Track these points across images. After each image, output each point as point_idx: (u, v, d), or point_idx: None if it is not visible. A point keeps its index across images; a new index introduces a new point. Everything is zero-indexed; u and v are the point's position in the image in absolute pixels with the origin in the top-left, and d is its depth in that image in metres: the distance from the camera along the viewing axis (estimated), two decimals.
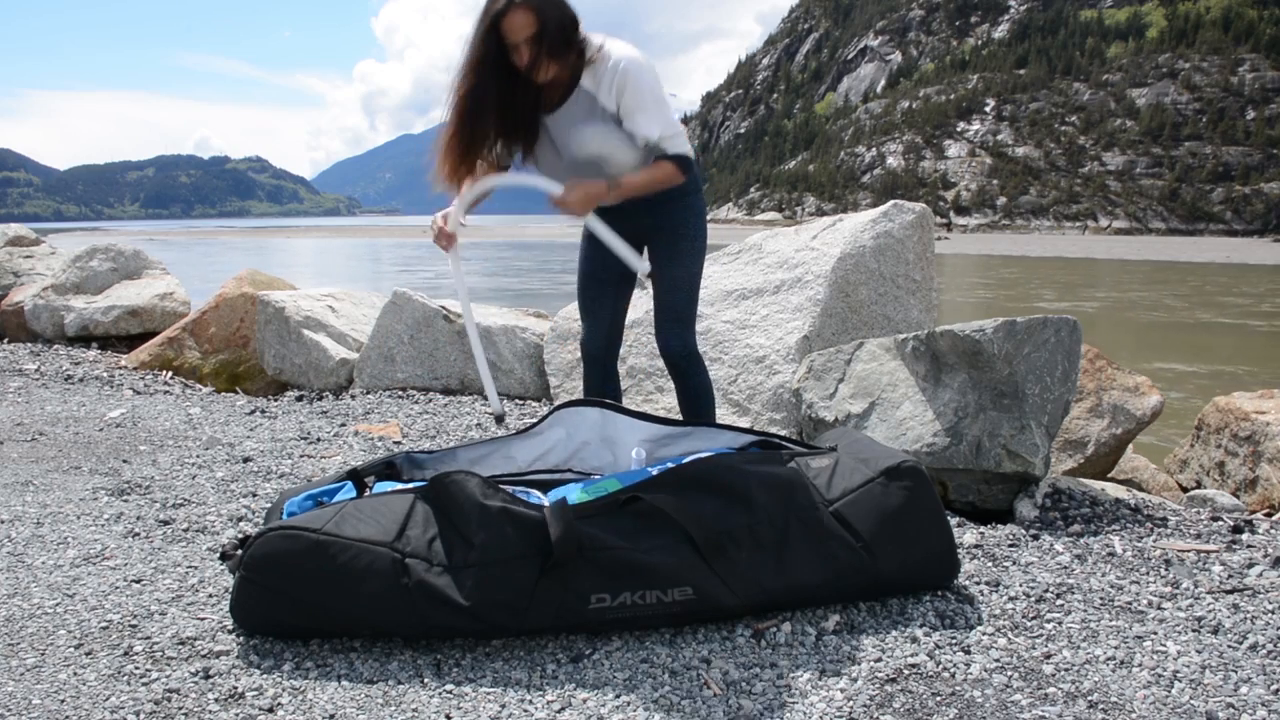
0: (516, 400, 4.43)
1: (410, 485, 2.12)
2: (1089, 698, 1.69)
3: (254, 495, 2.90)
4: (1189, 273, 36.20)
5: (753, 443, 2.40)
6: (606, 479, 2.20)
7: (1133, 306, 21.66)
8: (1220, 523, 2.64)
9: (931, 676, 1.77)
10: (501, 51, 2.32)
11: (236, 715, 1.63)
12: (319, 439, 3.68)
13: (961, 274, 33.99)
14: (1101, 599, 2.11)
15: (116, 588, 2.16)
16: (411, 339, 4.65)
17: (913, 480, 2.08)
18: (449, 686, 1.74)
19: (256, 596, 1.88)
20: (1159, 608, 2.07)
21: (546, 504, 1.97)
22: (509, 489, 2.01)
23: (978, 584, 2.20)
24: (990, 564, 2.33)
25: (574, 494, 2.09)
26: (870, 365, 3.03)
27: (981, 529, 2.61)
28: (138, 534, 2.53)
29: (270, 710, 1.65)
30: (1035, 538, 2.53)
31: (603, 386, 2.82)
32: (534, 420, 2.52)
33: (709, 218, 2.91)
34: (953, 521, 2.62)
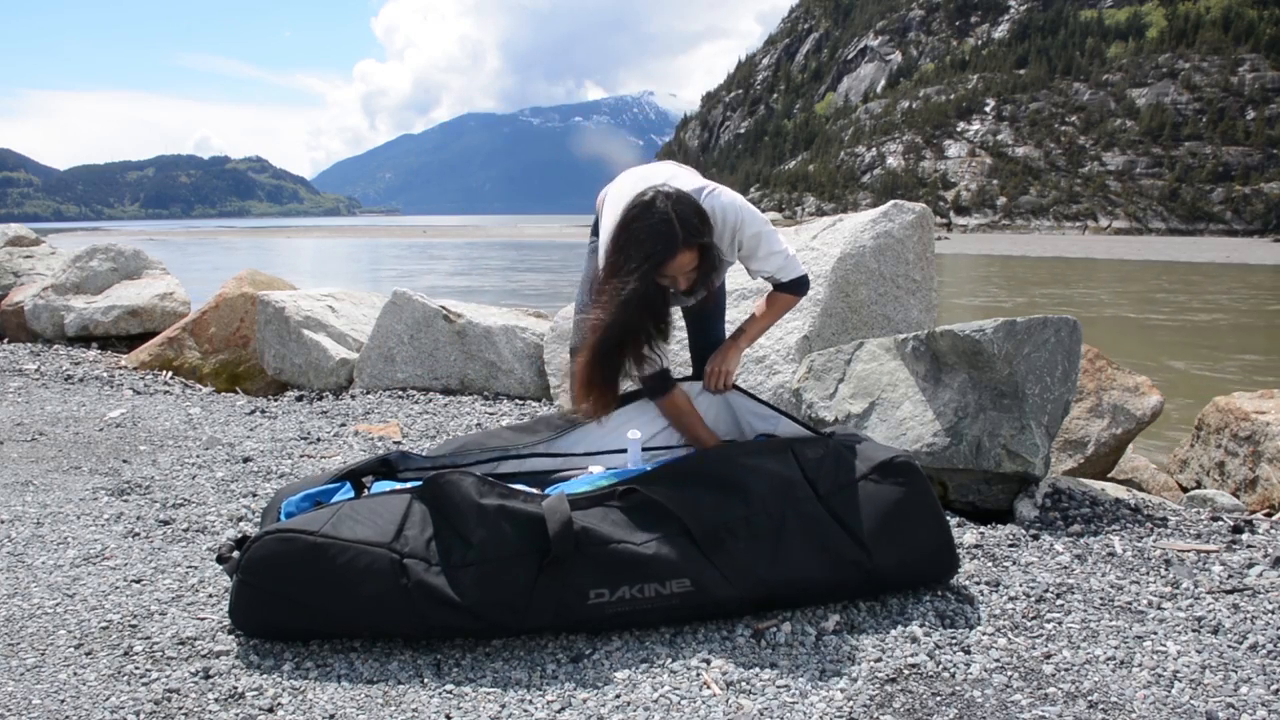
0: (516, 400, 4.43)
1: (407, 485, 2.12)
2: (1089, 698, 1.68)
3: (254, 495, 2.90)
4: (1188, 272, 36.25)
5: (759, 434, 2.41)
6: (603, 475, 2.20)
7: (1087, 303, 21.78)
8: (1220, 523, 2.64)
9: (931, 676, 1.77)
10: (655, 283, 2.17)
11: (236, 715, 1.63)
12: (319, 439, 3.68)
13: (961, 274, 34.02)
14: (1101, 599, 2.11)
15: (116, 588, 2.16)
16: (411, 339, 4.65)
17: (907, 476, 2.08)
18: (449, 686, 1.74)
19: (255, 600, 1.87)
20: (1159, 608, 2.07)
21: (544, 499, 1.97)
22: (505, 485, 2.01)
23: (978, 584, 2.19)
24: (990, 564, 2.33)
25: (571, 489, 2.09)
26: (870, 365, 3.03)
27: (981, 529, 2.61)
28: (138, 534, 2.53)
29: (270, 710, 1.65)
30: (1035, 538, 2.53)
31: None
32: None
33: None
34: (953, 521, 2.62)
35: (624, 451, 2.37)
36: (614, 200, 2.34)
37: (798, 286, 2.51)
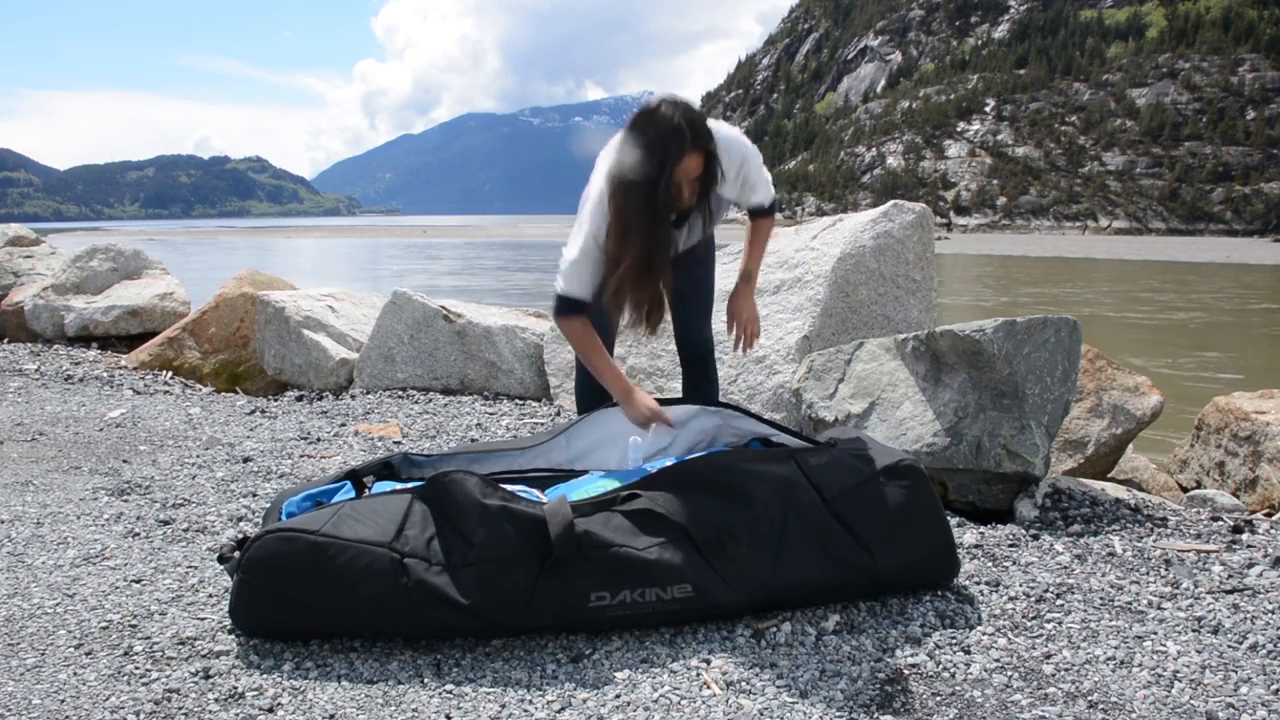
0: (516, 400, 4.43)
1: (408, 485, 2.12)
2: (1089, 698, 1.68)
3: (254, 495, 2.90)
4: (1184, 272, 36.28)
5: (754, 438, 2.40)
6: (604, 477, 2.20)
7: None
8: (1220, 523, 2.64)
9: (931, 676, 1.77)
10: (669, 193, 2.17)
11: (236, 715, 1.63)
12: (319, 439, 3.68)
13: (959, 274, 34.03)
14: (1101, 599, 2.11)
15: (116, 588, 2.16)
16: (411, 339, 4.65)
17: (911, 479, 2.08)
18: (449, 686, 1.74)
19: (255, 599, 1.87)
20: (1159, 608, 2.07)
21: (546, 502, 1.97)
22: (508, 488, 2.01)
23: (978, 584, 2.19)
24: (990, 564, 2.33)
25: (573, 492, 2.09)
26: (870, 365, 3.03)
27: (981, 529, 2.61)
28: (138, 534, 2.53)
29: (270, 710, 1.65)
30: (1035, 538, 2.53)
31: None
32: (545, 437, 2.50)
33: None
34: (953, 521, 2.62)
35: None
36: (609, 147, 2.35)
37: (776, 208, 2.65)
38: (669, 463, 2.20)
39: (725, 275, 3.94)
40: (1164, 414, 3.37)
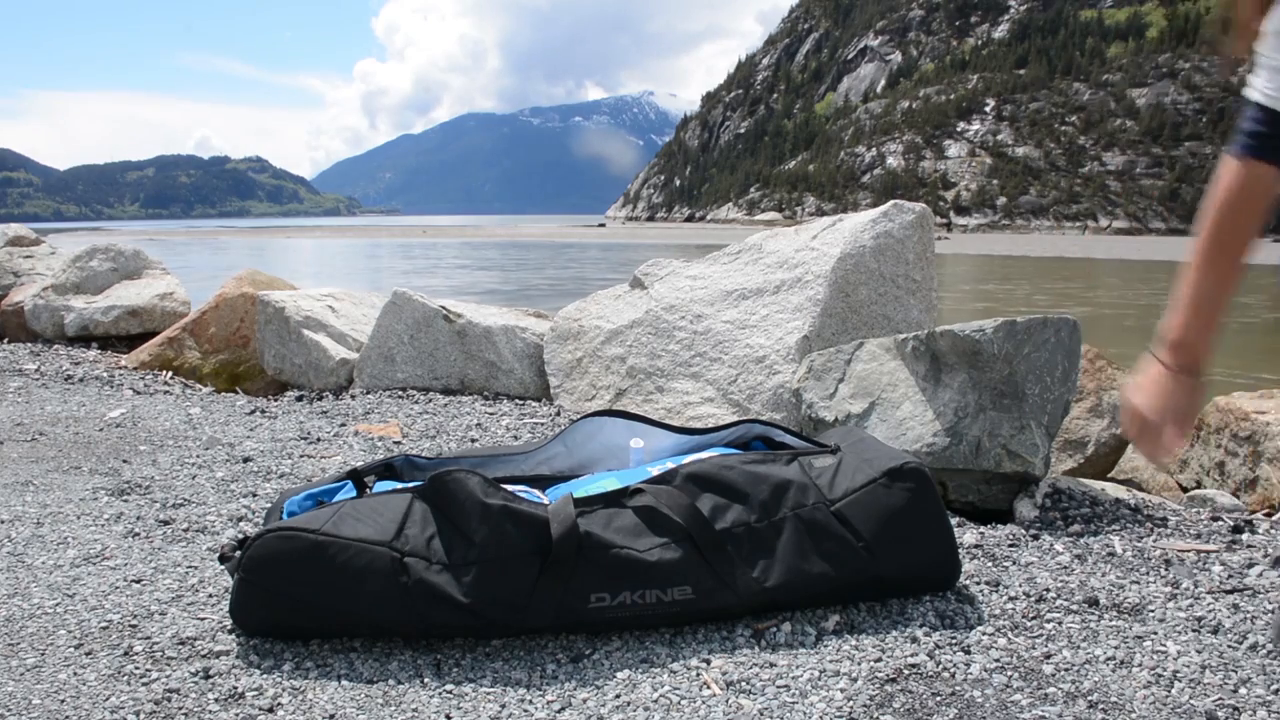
0: (516, 400, 4.43)
1: (409, 485, 2.12)
2: (1089, 698, 1.68)
3: (254, 495, 2.90)
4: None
5: (756, 437, 2.40)
6: (605, 477, 2.20)
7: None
8: (1220, 523, 2.64)
9: (931, 676, 1.77)
10: None
11: (236, 715, 1.63)
12: (319, 439, 3.68)
13: (958, 274, 34.04)
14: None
15: (116, 588, 2.16)
16: (411, 339, 4.65)
17: (915, 482, 2.07)
18: (449, 686, 1.74)
19: (256, 598, 1.87)
20: (1159, 608, 2.07)
21: (547, 502, 1.97)
22: (509, 488, 2.01)
23: (978, 584, 2.19)
24: (990, 564, 2.33)
25: (574, 491, 2.09)
26: (870, 365, 3.03)
27: (981, 529, 2.61)
28: (138, 534, 2.53)
29: (270, 710, 1.65)
30: (1035, 538, 2.53)
31: None
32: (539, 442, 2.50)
33: (709, 217, 2.84)
34: (953, 521, 2.62)
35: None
36: None
37: None
38: (670, 464, 2.20)
39: (728, 277, 3.95)
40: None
